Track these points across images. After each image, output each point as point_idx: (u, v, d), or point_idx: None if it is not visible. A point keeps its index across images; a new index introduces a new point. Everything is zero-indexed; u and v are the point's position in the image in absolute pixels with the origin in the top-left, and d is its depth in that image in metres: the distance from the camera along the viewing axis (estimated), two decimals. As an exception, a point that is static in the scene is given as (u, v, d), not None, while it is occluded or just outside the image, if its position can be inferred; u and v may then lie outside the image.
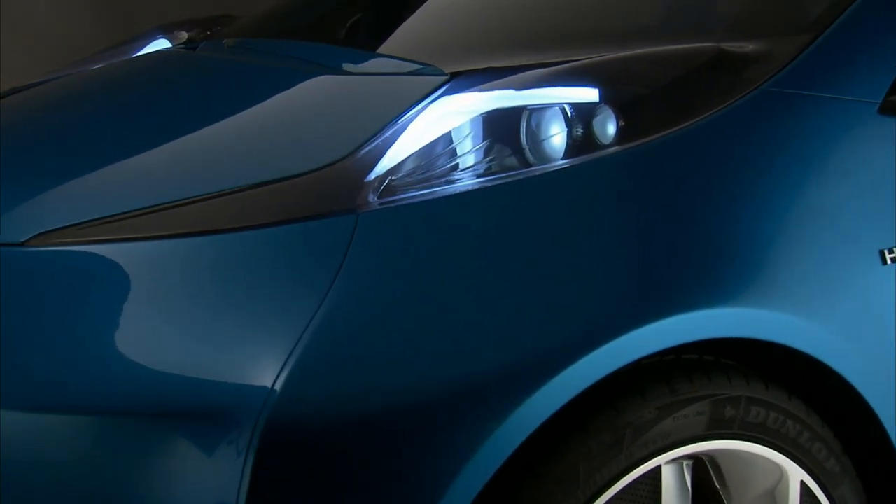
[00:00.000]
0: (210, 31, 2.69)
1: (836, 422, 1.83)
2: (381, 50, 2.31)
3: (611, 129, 1.72)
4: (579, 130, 1.72)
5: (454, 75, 1.85)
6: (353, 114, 1.90)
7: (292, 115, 1.94)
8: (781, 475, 1.77)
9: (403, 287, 1.60)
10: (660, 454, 1.66)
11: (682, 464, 1.72)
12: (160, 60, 2.45)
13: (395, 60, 2.08)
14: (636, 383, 1.66)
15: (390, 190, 1.67)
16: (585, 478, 1.61)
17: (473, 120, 1.73)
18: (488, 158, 1.71)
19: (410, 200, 1.66)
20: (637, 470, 1.65)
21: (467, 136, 1.73)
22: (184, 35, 2.61)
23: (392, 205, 1.66)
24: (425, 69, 1.98)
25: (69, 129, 2.06)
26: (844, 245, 1.79)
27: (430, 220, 1.65)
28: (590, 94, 1.75)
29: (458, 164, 1.70)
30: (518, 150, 1.72)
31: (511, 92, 1.76)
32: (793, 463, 1.76)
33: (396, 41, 2.48)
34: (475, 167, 1.70)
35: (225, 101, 2.06)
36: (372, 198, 1.66)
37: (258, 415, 1.51)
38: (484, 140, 1.72)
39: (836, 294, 1.77)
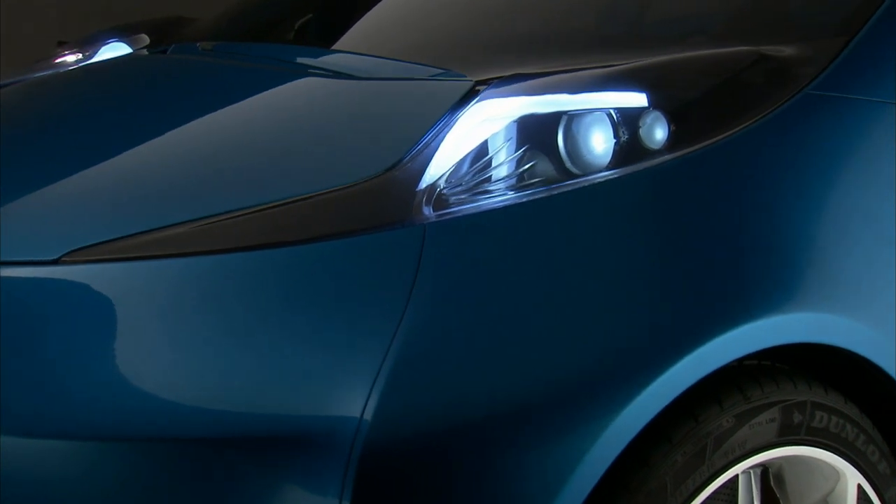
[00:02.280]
0: (167, 33, 2.58)
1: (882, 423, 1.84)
2: (368, 52, 2.24)
3: (660, 134, 1.69)
4: (626, 136, 1.68)
5: (485, 81, 1.79)
6: (386, 120, 1.83)
7: (320, 121, 1.86)
8: (838, 480, 1.77)
9: (477, 300, 1.55)
10: (737, 463, 1.64)
11: (751, 472, 1.70)
12: (141, 64, 2.32)
13: (409, 65, 2.01)
14: (711, 391, 1.63)
15: (442, 199, 1.60)
16: (672, 490, 1.58)
17: (516, 125, 1.67)
18: (535, 164, 1.66)
19: (471, 210, 1.60)
20: (718, 480, 1.63)
21: (510, 141, 1.67)
22: (145, 39, 2.49)
23: (453, 215, 1.59)
24: (446, 73, 1.92)
25: (79, 138, 1.92)
26: (887, 246, 1.79)
27: (491, 230, 1.60)
28: (638, 99, 1.71)
29: (504, 171, 1.65)
30: (559, 155, 1.67)
31: (555, 96, 1.71)
32: (851, 466, 1.76)
33: (379, 43, 2.42)
34: (523, 174, 1.65)
35: (238, 107, 1.96)
36: (426, 208, 1.59)
37: (352, 444, 1.43)
38: (528, 145, 1.67)
39: (882, 295, 1.77)
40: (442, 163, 1.63)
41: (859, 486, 1.78)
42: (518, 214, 1.61)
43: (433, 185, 1.61)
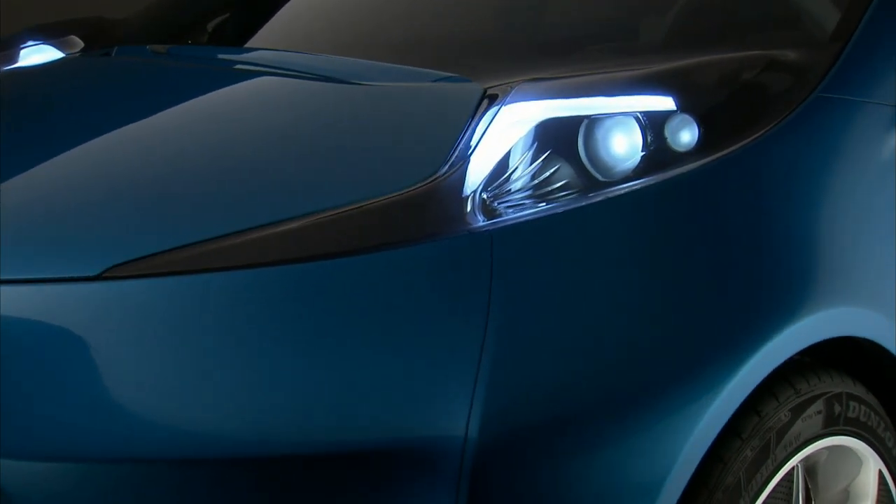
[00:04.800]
0: (94, 35, 2.45)
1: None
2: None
3: (688, 138, 1.70)
4: (653, 139, 1.69)
5: (493, 86, 1.77)
6: (405, 127, 1.78)
7: (338, 128, 1.80)
8: (861, 467, 1.83)
9: (550, 303, 1.55)
10: (794, 455, 1.69)
11: (799, 465, 1.74)
12: (95, 67, 2.20)
13: (399, 67, 1.98)
14: (767, 387, 1.66)
15: (487, 205, 1.59)
16: (745, 484, 1.61)
17: (547, 129, 1.66)
18: (563, 167, 1.65)
19: (527, 217, 1.59)
20: (779, 473, 1.66)
21: (541, 146, 1.66)
22: (78, 41, 2.36)
23: (511, 221, 1.58)
24: (449, 78, 1.89)
25: (80, 144, 1.81)
26: None
27: (548, 233, 1.59)
28: (665, 103, 1.72)
29: (541, 176, 1.64)
30: (581, 159, 1.67)
31: (583, 100, 1.71)
32: (875, 454, 1.83)
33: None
34: (557, 178, 1.64)
35: (243, 113, 1.88)
36: (479, 215, 1.58)
37: (461, 455, 1.41)
38: (556, 149, 1.66)
39: None
40: (481, 169, 1.61)
41: (879, 472, 1.84)
42: (574, 218, 1.60)
43: (476, 192, 1.59)
